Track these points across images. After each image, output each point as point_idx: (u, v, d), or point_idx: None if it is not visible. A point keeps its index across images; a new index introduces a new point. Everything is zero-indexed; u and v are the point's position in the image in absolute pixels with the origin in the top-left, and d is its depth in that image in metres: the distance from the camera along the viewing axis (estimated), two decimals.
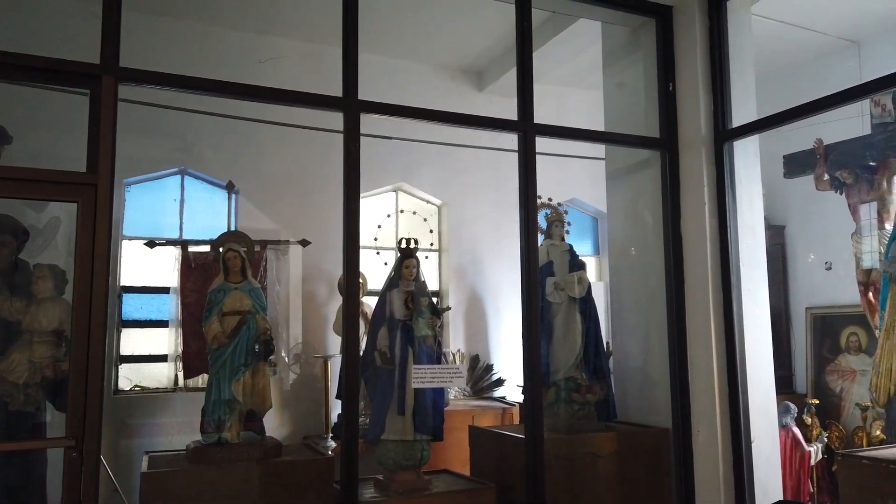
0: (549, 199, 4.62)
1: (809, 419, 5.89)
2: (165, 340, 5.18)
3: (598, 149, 5.03)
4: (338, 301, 5.88)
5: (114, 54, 3.10)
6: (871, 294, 4.81)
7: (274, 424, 5.55)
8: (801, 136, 5.30)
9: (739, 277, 4.05)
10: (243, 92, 3.48)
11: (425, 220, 6.80)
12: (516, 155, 4.00)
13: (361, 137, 3.53)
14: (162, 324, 5.34)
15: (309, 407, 5.81)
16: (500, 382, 6.65)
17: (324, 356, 5.77)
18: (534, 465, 3.70)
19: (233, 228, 5.44)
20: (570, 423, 4.21)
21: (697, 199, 4.12)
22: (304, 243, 5.56)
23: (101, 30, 3.10)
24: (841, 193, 5.02)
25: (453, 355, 6.53)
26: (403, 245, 4.10)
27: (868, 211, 4.85)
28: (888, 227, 4.73)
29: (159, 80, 3.29)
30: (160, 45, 5.46)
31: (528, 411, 3.77)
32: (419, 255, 4.20)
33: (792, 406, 5.61)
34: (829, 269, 6.62)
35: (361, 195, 3.53)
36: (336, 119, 3.55)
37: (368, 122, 3.64)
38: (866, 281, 4.83)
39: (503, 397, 6.52)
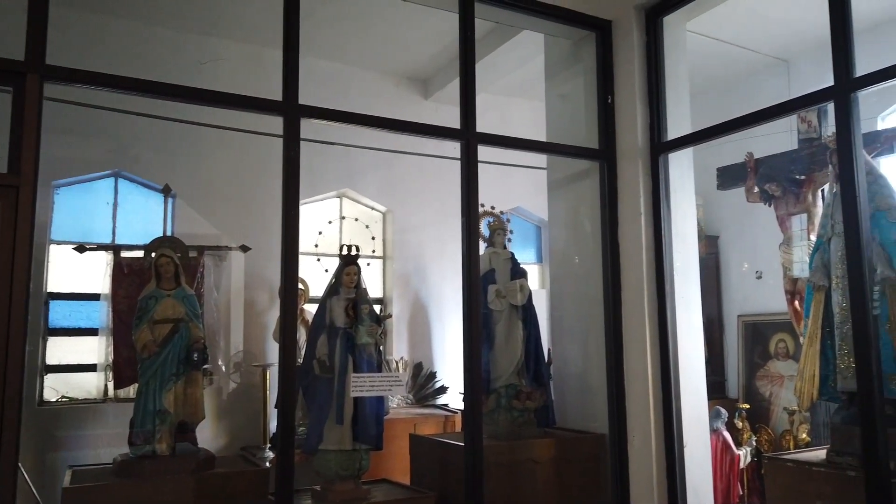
0: (492, 208, 4.66)
1: (741, 423, 6.09)
2: (95, 349, 4.99)
3: (541, 158, 5.11)
4: (279, 309, 5.77)
5: (39, 51, 2.97)
6: (796, 302, 5.01)
7: (210, 435, 5.40)
8: (733, 149, 5.49)
9: (673, 286, 4.16)
10: (179, 94, 3.38)
11: (367, 226, 6.76)
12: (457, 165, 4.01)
13: (305, 143, 3.48)
14: (91, 332, 5.14)
15: (247, 417, 5.68)
16: (443, 390, 6.64)
17: (263, 365, 5.65)
18: (473, 473, 3.70)
19: (169, 233, 5.28)
20: (510, 430, 4.24)
21: (634, 208, 4.22)
22: (244, 249, 5.46)
23: (26, 25, 2.98)
24: (770, 205, 5.21)
25: (396, 363, 6.50)
26: (345, 251, 4.06)
27: (796, 222, 5.05)
28: (814, 238, 4.93)
29: (88, 80, 3.16)
30: (97, 44, 5.29)
31: (467, 418, 3.77)
32: (361, 262, 4.17)
33: (722, 411, 5.79)
34: (759, 277, 6.89)
35: (305, 201, 3.48)
36: (278, 123, 3.49)
37: (313, 126, 3.60)
38: (793, 290, 5.03)
39: (446, 405, 6.52)
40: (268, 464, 4.77)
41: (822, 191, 4.98)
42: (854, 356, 3.09)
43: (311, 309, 5.28)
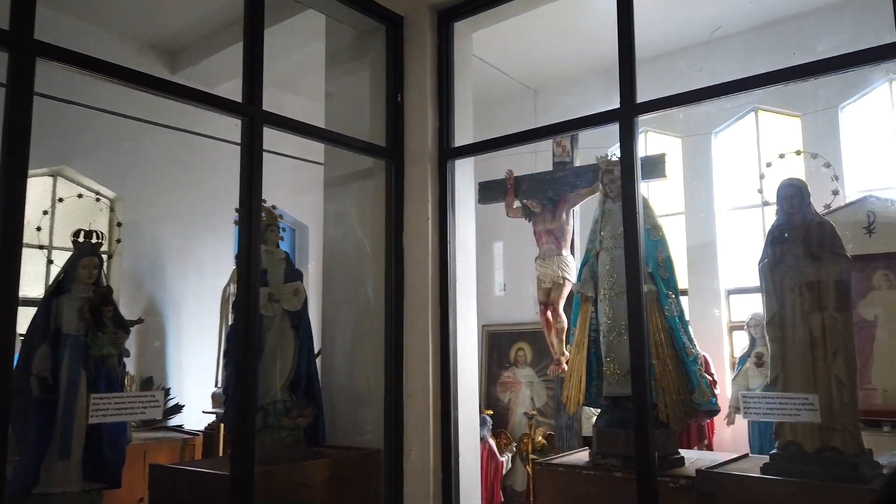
0: (264, 201, 4.14)
1: None
2: None
3: (317, 154, 4.73)
4: None
5: None
6: (549, 313, 5.34)
7: None
8: (493, 167, 5.72)
9: (456, 294, 4.10)
10: None
11: (112, 210, 5.49)
12: (213, 148, 3.44)
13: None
14: None
15: None
16: (177, 409, 5.78)
17: None
18: None
19: None
20: (278, 452, 3.76)
21: (422, 213, 4.08)
22: None
23: None
24: (529, 220, 5.51)
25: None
26: (82, 238, 3.22)
27: (549, 238, 5.39)
28: (565, 252, 5.33)
29: None
30: None
31: (237, 442, 3.22)
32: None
33: (488, 418, 5.96)
34: (503, 290, 7.33)
35: None
36: None
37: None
38: (546, 300, 5.35)
39: (181, 426, 5.68)
40: None
41: (574, 211, 5.42)
42: (630, 363, 3.30)
43: None
